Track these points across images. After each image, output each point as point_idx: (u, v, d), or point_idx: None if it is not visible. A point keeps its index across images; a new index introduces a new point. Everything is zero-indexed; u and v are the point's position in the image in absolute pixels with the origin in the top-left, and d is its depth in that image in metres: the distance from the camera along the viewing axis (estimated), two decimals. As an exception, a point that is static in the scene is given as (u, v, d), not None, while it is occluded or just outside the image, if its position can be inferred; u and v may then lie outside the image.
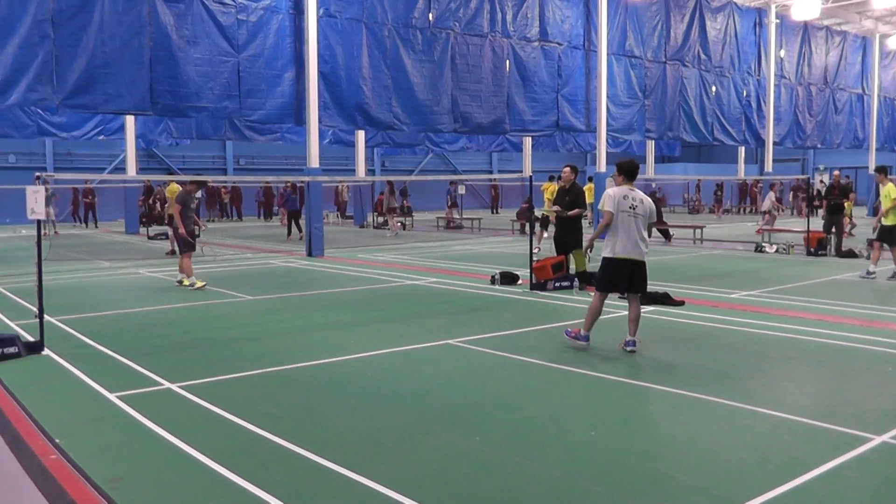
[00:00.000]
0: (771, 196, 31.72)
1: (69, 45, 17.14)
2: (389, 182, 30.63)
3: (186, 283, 14.50)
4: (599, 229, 8.97)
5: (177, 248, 15.78)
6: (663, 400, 6.99)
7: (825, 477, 5.07)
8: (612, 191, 8.86)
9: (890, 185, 15.10)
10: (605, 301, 9.08)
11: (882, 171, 16.21)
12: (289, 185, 30.02)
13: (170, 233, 21.83)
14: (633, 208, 8.69)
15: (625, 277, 8.76)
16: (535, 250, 15.00)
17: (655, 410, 6.79)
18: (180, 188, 21.38)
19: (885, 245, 15.25)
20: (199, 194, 15.49)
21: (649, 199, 9.01)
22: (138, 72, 18.11)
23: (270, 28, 20.25)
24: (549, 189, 19.92)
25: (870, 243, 18.28)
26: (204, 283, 14.35)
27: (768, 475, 5.06)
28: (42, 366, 8.51)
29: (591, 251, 9.64)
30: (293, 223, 27.84)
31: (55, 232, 28.05)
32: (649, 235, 9.04)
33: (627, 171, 8.99)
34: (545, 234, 21.26)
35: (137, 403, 6.86)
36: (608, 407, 6.92)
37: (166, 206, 16.91)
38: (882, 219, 15.13)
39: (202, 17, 19.02)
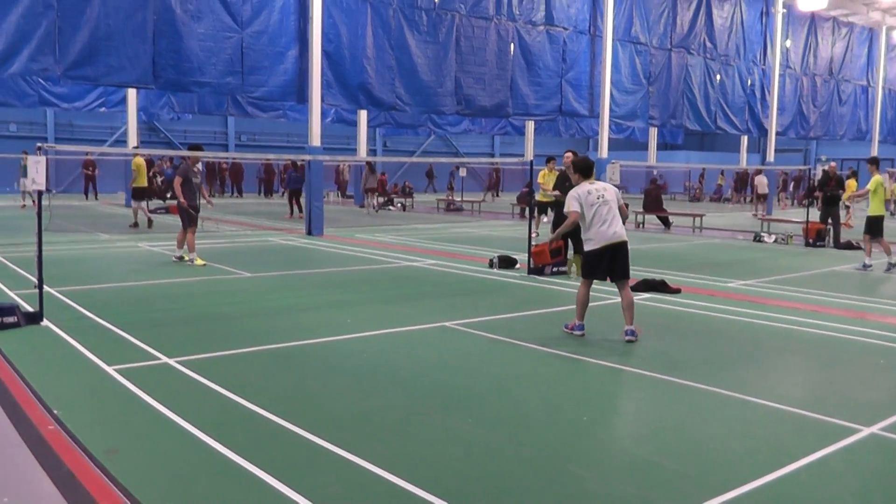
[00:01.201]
0: (763, 179, 31.87)
1: (72, 15, 17.13)
2: (368, 162, 30.99)
3: (187, 258, 14.50)
4: (563, 230, 9.57)
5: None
6: (655, 387, 7.05)
7: (812, 467, 5.13)
8: (575, 191, 8.98)
9: (877, 176, 15.43)
10: (602, 287, 9.16)
11: (874, 162, 16.37)
12: (289, 163, 30.14)
13: (134, 205, 21.94)
14: (601, 197, 8.84)
15: (607, 262, 8.86)
16: (533, 235, 15.04)
17: (647, 397, 6.84)
18: (144, 162, 21.54)
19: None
20: (199, 166, 15.39)
21: (612, 186, 9.29)
22: (141, 45, 18.09)
23: (275, 5, 20.21)
24: (541, 174, 19.93)
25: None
26: (204, 263, 14.34)
27: (755, 464, 5.12)
28: (41, 336, 8.56)
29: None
30: (294, 201, 27.90)
31: (23, 205, 27.77)
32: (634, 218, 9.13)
33: (583, 168, 9.20)
34: (544, 219, 21.30)
35: (135, 377, 6.91)
36: (601, 393, 6.99)
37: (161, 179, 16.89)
38: (868, 211, 15.67)
39: (206, -8, 18.99)
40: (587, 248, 8.93)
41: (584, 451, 5.44)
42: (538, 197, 20.00)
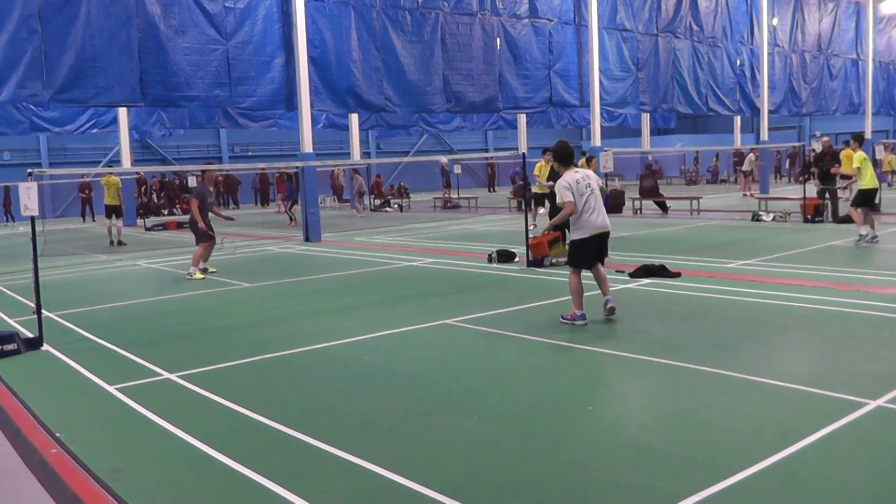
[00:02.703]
0: (751, 157, 31.89)
1: (57, 39, 17.09)
2: (354, 169, 31.30)
3: (199, 275, 14.42)
4: (558, 221, 9.42)
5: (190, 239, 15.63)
6: (659, 373, 7.02)
7: (819, 444, 5.10)
8: (564, 180, 8.88)
9: (861, 152, 15.59)
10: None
11: (858, 139, 16.53)
12: (281, 174, 30.35)
13: (114, 222, 22.00)
14: (588, 186, 8.87)
15: (595, 250, 8.99)
16: (530, 227, 15.02)
17: (651, 383, 6.81)
18: (118, 180, 21.72)
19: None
20: (211, 187, 15.51)
21: (593, 173, 9.27)
22: (127, 63, 18.06)
23: (258, 14, 20.16)
24: (538, 166, 19.94)
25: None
26: (203, 277, 14.34)
27: (762, 445, 5.09)
28: (41, 361, 8.55)
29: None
30: (287, 209, 27.98)
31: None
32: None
33: (563, 156, 9.10)
34: (540, 211, 21.27)
35: (137, 395, 6.90)
36: (604, 381, 6.96)
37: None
38: (859, 184, 15.67)
39: (189, 6, 18.93)
40: (577, 236, 8.93)
41: (590, 441, 5.41)
42: (534, 189, 20.00)
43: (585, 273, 9.08)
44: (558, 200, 8.96)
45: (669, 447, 5.17)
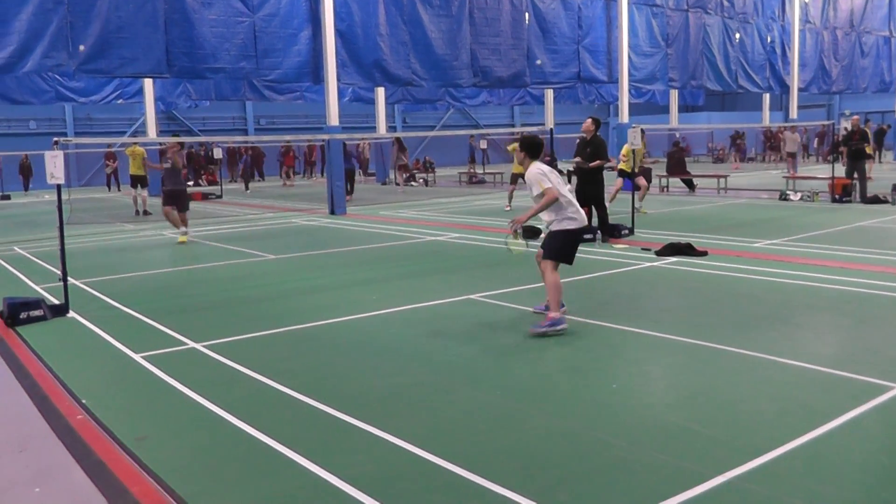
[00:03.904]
0: (794, 136, 31.01)
1: (83, 10, 17.18)
2: (397, 139, 30.81)
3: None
4: (541, 208, 7.95)
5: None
6: (684, 352, 6.98)
7: (845, 427, 5.05)
8: (539, 168, 7.97)
9: None
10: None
11: None
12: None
13: (139, 192, 22.20)
14: (558, 176, 8.09)
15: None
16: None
17: (676, 362, 6.77)
18: (143, 150, 21.88)
19: None
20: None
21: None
22: (153, 35, 18.11)
23: (285, -13, 20.14)
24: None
25: (895, 188, 18.18)
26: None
27: (787, 426, 5.05)
28: (67, 328, 8.63)
29: (520, 233, 8.40)
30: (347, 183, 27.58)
31: None
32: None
33: (531, 147, 8.14)
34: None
35: (162, 363, 6.95)
36: (629, 360, 6.92)
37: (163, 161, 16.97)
38: None
39: (216, -22, 18.95)
40: (571, 226, 7.96)
41: (614, 420, 5.38)
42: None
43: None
44: (538, 189, 7.85)
45: (694, 427, 5.13)
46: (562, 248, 8.01)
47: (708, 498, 4.13)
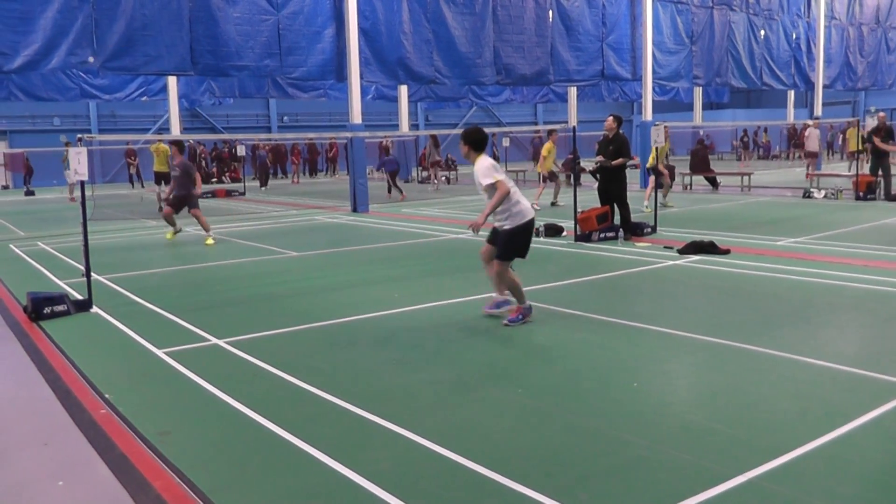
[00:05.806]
0: (816, 133, 30.41)
1: (108, 7, 17.31)
2: (433, 136, 30.68)
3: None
4: (497, 203, 7.82)
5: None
6: (706, 350, 6.95)
7: (867, 427, 5.00)
8: (487, 161, 7.94)
9: None
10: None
11: None
12: (385, 144, 31.62)
13: (163, 188, 22.34)
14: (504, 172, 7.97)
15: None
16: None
17: (698, 361, 6.74)
18: (167, 147, 21.97)
19: None
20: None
21: None
22: (178, 32, 18.22)
23: (309, -14, 20.21)
24: (546, 147, 20.05)
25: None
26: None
27: (808, 426, 5.02)
28: (91, 323, 8.70)
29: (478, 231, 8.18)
30: (393, 183, 27.51)
31: (71, 198, 27.97)
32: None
33: (476, 141, 8.06)
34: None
35: (185, 359, 7.00)
36: (651, 358, 6.89)
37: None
38: None
39: (240, -24, 19.05)
40: (520, 221, 7.95)
41: (636, 418, 5.36)
42: (536, 168, 19.99)
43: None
44: (489, 180, 7.79)
45: (715, 426, 5.11)
46: (518, 245, 8.09)
47: (728, 497, 4.11)
